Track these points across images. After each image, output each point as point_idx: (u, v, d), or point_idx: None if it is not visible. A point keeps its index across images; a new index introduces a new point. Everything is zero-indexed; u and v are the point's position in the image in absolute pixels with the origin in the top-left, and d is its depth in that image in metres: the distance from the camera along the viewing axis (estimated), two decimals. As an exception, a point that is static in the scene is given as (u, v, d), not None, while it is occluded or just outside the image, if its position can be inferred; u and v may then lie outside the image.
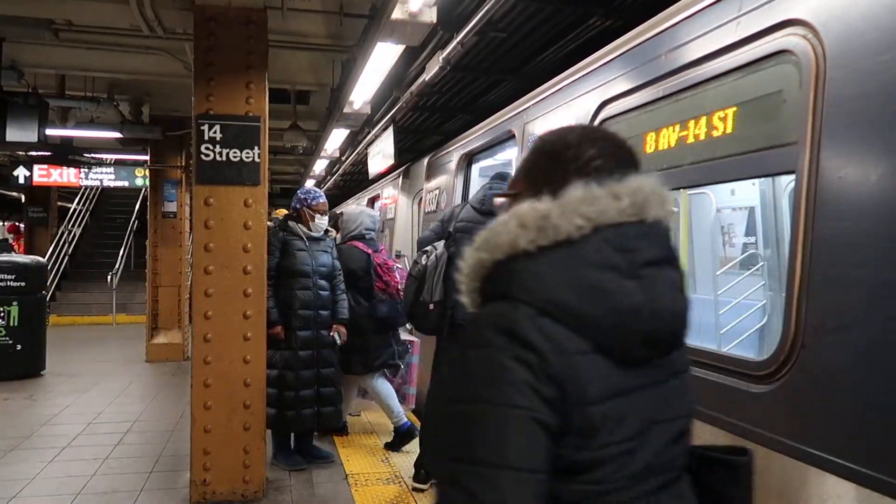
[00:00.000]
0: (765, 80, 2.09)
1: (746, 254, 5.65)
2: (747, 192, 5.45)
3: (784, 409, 1.84)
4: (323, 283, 4.52)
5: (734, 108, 2.19)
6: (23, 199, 16.76)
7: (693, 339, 4.60)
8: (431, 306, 3.79)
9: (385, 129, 7.91)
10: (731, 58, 2.19)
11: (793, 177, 1.90)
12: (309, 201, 4.56)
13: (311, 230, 4.53)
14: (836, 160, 1.76)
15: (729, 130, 2.21)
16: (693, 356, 2.24)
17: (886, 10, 1.67)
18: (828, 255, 1.76)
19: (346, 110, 6.64)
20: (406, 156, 9.83)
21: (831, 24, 1.82)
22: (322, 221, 4.58)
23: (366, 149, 9.41)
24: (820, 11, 1.86)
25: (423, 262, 3.88)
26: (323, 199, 4.63)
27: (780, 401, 1.85)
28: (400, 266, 5.35)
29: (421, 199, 6.77)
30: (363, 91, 6.09)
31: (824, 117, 1.80)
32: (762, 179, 4.92)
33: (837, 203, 1.75)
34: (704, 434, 2.14)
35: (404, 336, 5.25)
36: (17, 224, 16.84)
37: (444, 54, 5.24)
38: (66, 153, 9.59)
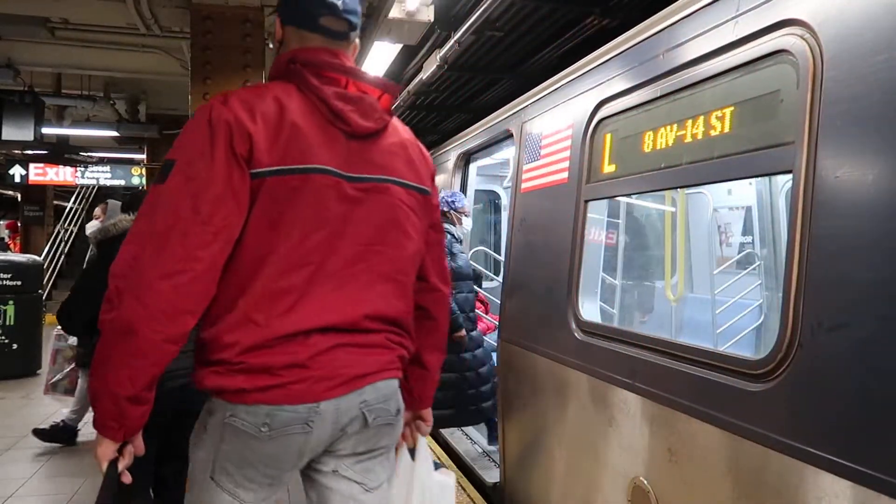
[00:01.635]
0: (762, 79, 2.09)
1: (743, 253, 5.67)
2: (744, 191, 5.47)
3: (781, 407, 1.84)
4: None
5: (731, 108, 2.19)
6: (19, 198, 16.70)
7: (690, 338, 4.58)
8: None
9: (382, 127, 7.89)
10: (728, 57, 2.19)
11: (790, 176, 1.91)
12: (455, 204, 4.59)
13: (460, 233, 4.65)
14: (833, 160, 1.76)
15: (726, 130, 2.21)
16: (690, 355, 2.26)
17: (884, 10, 1.67)
18: (824, 254, 1.76)
19: (343, 109, 6.63)
20: (403, 155, 9.79)
21: (829, 23, 1.82)
22: (468, 223, 4.65)
23: (363, 148, 9.39)
24: (817, 11, 1.87)
25: None
26: (466, 202, 4.71)
27: (776, 399, 1.85)
28: None
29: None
30: (360, 90, 6.08)
31: (821, 117, 1.80)
32: (759, 179, 4.94)
33: (834, 203, 1.75)
34: (702, 432, 2.15)
35: None
36: (16, 222, 16.78)
37: (442, 53, 5.24)
38: (62, 151, 9.57)
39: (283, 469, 1.53)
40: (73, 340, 4.77)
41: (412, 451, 2.01)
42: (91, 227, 5.60)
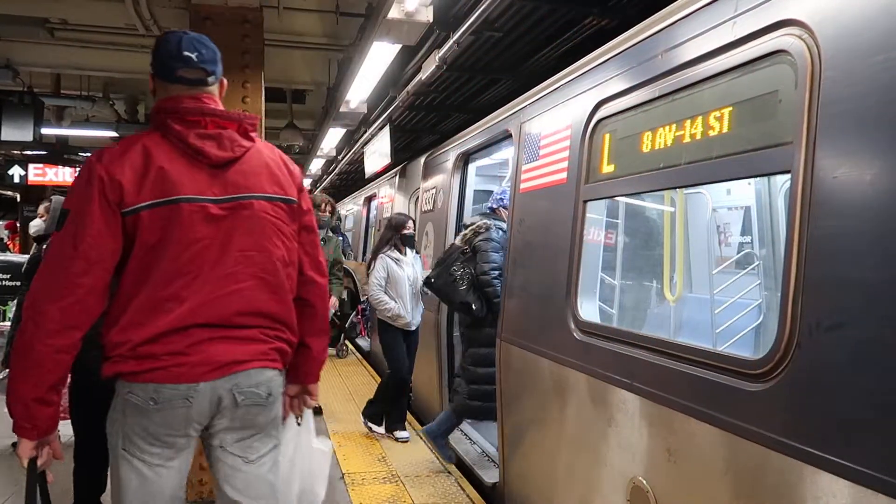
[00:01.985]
0: (760, 80, 2.09)
1: (742, 253, 5.67)
2: (743, 191, 5.46)
3: (779, 407, 1.85)
4: None
5: (730, 108, 2.20)
6: (18, 199, 16.69)
7: (688, 338, 4.56)
8: None
9: (381, 128, 7.91)
10: (727, 58, 2.19)
11: (788, 176, 1.91)
12: (505, 201, 4.61)
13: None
14: (831, 160, 1.76)
15: (725, 130, 2.21)
16: (689, 355, 2.26)
17: (882, 11, 1.68)
18: (823, 254, 1.77)
19: (342, 109, 6.63)
20: (402, 155, 9.83)
21: (827, 24, 1.83)
22: None
23: (362, 148, 9.40)
24: (815, 12, 1.87)
25: None
26: None
27: (775, 399, 1.86)
28: None
29: (418, 198, 6.77)
30: (359, 90, 6.09)
31: (819, 117, 1.81)
32: (758, 179, 4.94)
33: (832, 203, 1.75)
34: (700, 432, 2.15)
35: None
36: (15, 222, 16.75)
37: (441, 53, 5.25)
38: (61, 152, 9.56)
39: (176, 434, 1.88)
40: None
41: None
42: (35, 225, 5.60)
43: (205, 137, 1.90)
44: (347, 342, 9.26)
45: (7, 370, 4.88)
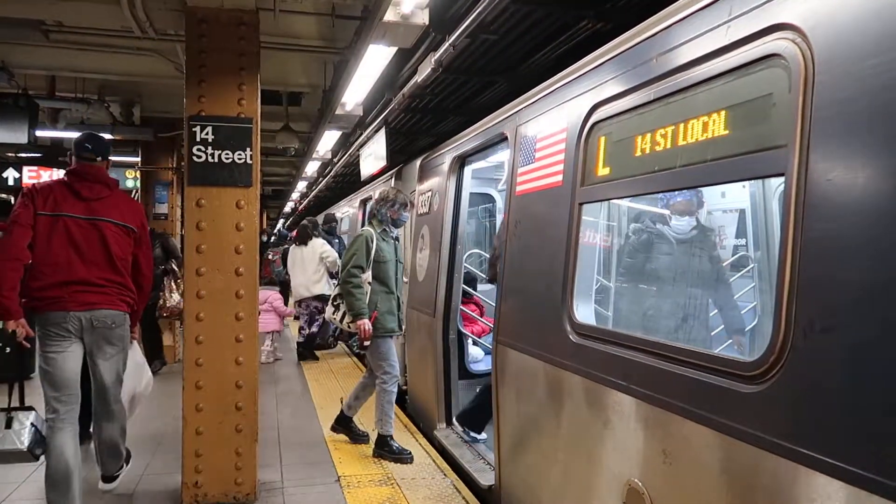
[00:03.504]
0: (755, 83, 2.10)
1: (737, 256, 5.68)
2: (738, 194, 5.48)
3: (774, 408, 1.86)
4: None
5: (724, 112, 2.21)
6: (12, 201, 16.62)
7: (683, 340, 4.53)
8: None
9: (377, 130, 7.90)
10: (721, 61, 2.20)
11: (782, 179, 1.92)
12: None
13: None
14: (825, 163, 1.78)
15: (719, 133, 2.22)
16: (684, 356, 2.27)
17: (875, 15, 1.69)
18: (817, 256, 1.78)
19: (338, 112, 6.63)
20: (398, 157, 9.83)
21: (820, 28, 1.84)
22: None
23: (358, 150, 9.40)
24: (809, 16, 1.88)
25: None
26: None
27: (770, 401, 1.87)
28: None
29: (414, 200, 6.77)
30: (355, 93, 6.09)
31: (813, 121, 1.82)
32: (753, 181, 4.95)
33: (826, 206, 1.76)
34: (696, 434, 2.16)
35: None
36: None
37: (436, 56, 5.25)
38: (56, 154, 9.53)
39: (63, 338, 3.45)
40: None
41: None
42: None
43: (83, 187, 3.57)
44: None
45: None
